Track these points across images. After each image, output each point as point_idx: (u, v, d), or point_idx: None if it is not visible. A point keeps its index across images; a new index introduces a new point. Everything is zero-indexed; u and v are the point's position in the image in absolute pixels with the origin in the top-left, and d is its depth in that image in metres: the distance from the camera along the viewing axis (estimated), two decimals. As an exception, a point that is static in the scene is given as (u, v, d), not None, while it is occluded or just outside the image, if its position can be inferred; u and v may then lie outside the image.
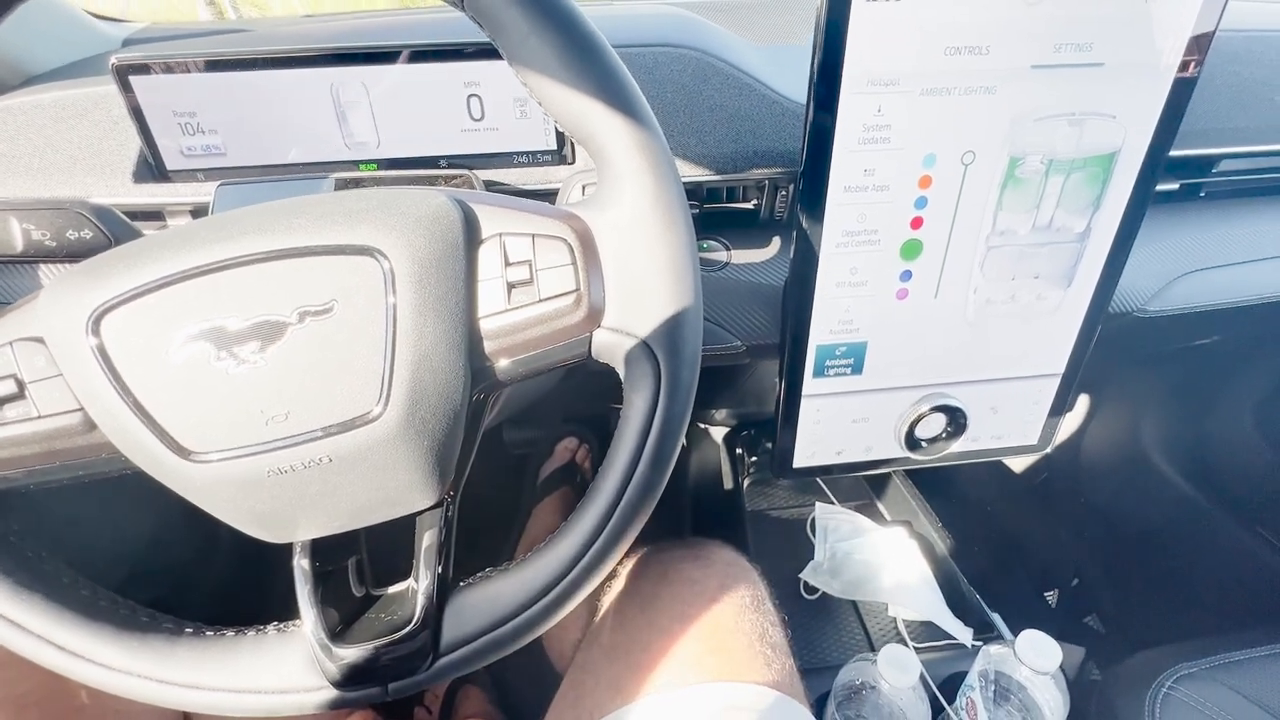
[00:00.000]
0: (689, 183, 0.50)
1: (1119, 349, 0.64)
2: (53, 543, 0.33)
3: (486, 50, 0.46)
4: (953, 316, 0.51)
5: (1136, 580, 0.94)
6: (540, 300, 0.30)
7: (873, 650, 0.66)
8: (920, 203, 0.46)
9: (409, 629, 0.32)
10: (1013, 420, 0.58)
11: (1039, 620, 0.64)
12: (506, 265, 0.30)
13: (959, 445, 0.58)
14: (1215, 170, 0.58)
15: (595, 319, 0.32)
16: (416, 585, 0.33)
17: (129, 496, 0.60)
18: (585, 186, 0.47)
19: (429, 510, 0.34)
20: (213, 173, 0.48)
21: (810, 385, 0.53)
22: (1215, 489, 0.89)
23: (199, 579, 0.79)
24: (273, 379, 0.28)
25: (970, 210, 0.47)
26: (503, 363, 0.32)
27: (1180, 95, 0.44)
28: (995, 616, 0.76)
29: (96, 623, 0.31)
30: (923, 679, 0.62)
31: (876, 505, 1.00)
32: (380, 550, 0.36)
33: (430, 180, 0.49)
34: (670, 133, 0.50)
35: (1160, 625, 0.88)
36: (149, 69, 0.44)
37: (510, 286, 0.30)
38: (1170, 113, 0.45)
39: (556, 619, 0.33)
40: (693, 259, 0.32)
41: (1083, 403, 1.03)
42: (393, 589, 0.35)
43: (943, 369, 0.54)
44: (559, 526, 0.34)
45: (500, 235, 0.31)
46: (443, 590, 0.33)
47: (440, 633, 0.33)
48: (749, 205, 0.53)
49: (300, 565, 0.33)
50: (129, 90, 0.45)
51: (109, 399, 0.28)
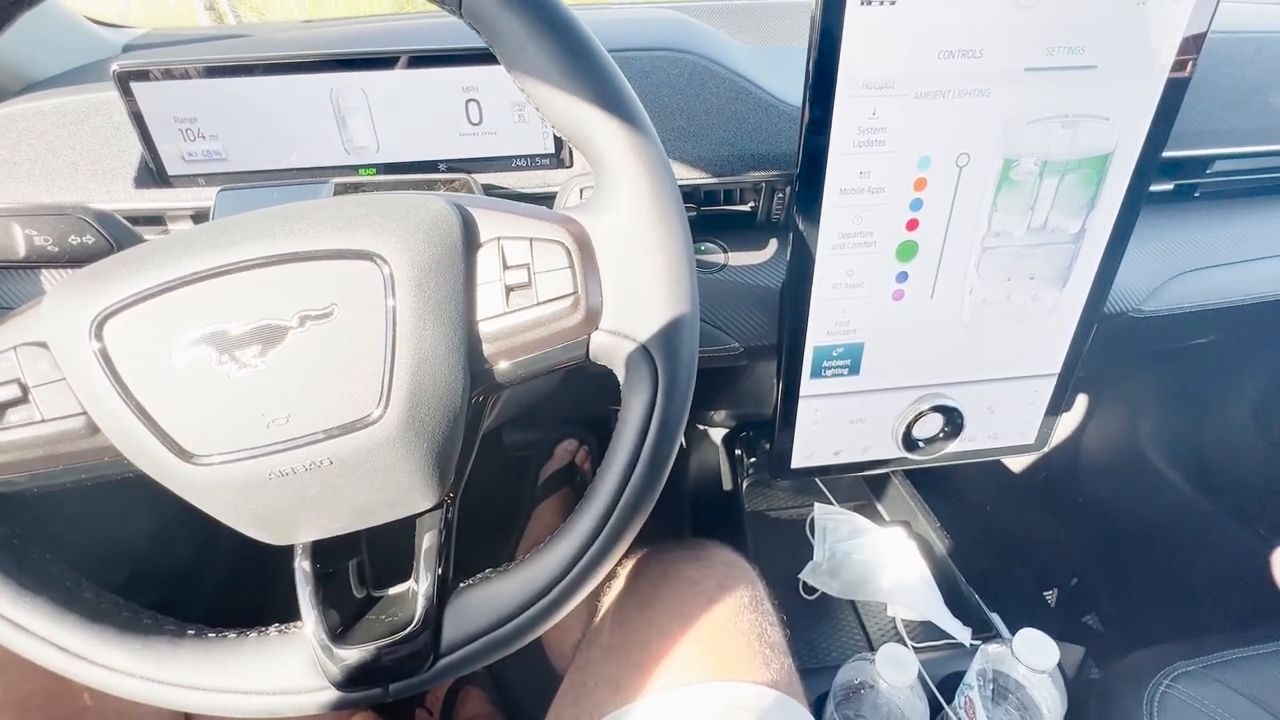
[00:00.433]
0: (686, 186, 0.50)
1: (1115, 349, 0.64)
2: (55, 545, 0.34)
3: (484, 55, 0.46)
4: (949, 317, 0.52)
5: (1135, 579, 0.94)
6: (538, 303, 0.31)
7: (872, 650, 0.66)
8: (915, 205, 0.46)
9: (409, 630, 0.32)
10: (1009, 420, 0.59)
11: (1038, 619, 0.64)
12: (505, 269, 0.31)
13: (956, 445, 0.58)
14: (1209, 171, 0.58)
15: (593, 321, 0.32)
16: (417, 586, 0.33)
17: (131, 500, 0.60)
18: (583, 190, 0.48)
19: (429, 512, 0.34)
20: (213, 178, 0.49)
21: (808, 386, 0.54)
22: (1213, 488, 0.90)
23: (200, 581, 0.79)
24: (274, 382, 0.28)
25: (965, 212, 0.47)
26: (501, 365, 0.32)
27: (1173, 97, 0.45)
28: (994, 616, 0.77)
29: (99, 624, 0.32)
30: (921, 678, 0.62)
31: (875, 506, 1.00)
32: (381, 552, 0.36)
33: (429, 184, 0.49)
34: (667, 136, 0.50)
35: (1158, 624, 0.88)
36: (150, 75, 0.45)
37: (508, 290, 0.31)
38: (1163, 114, 0.45)
39: (556, 619, 0.34)
40: (689, 262, 0.32)
41: (1081, 402, 1.03)
42: (393, 590, 0.36)
43: (939, 369, 0.55)
44: (558, 527, 0.34)
45: (498, 239, 0.31)
46: (443, 591, 0.33)
47: (441, 633, 0.33)
48: (746, 208, 0.53)
49: (301, 567, 0.33)
50: (130, 96, 0.45)
51: (112, 403, 0.28)
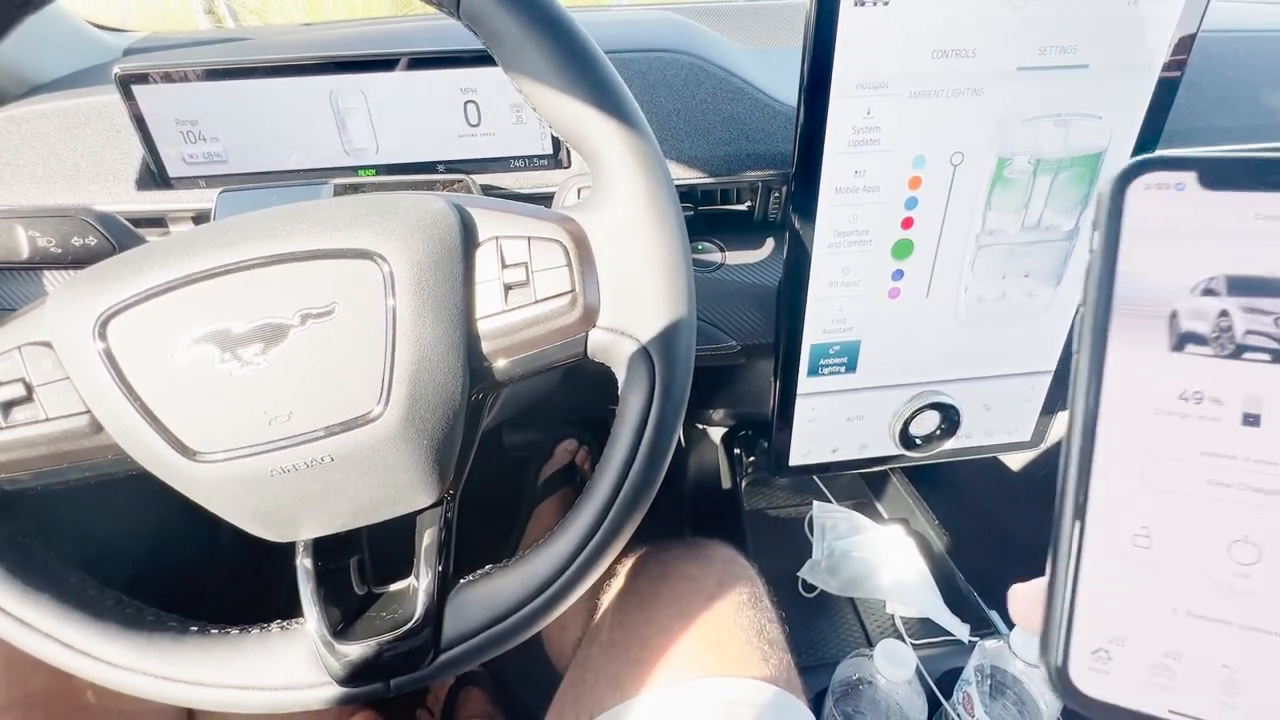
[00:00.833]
0: (684, 185, 0.51)
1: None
2: (59, 543, 0.34)
3: (482, 57, 0.47)
4: (944, 315, 0.52)
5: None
6: (537, 301, 0.31)
7: (871, 647, 0.66)
8: (910, 203, 0.47)
9: (410, 625, 0.33)
10: (1006, 417, 0.59)
11: (1035, 616, 0.64)
12: (503, 267, 0.31)
13: (953, 442, 0.59)
14: (1202, 169, 0.59)
15: (590, 319, 0.32)
16: (417, 583, 0.34)
17: (133, 499, 0.60)
18: (580, 190, 0.48)
19: (429, 509, 0.35)
20: (214, 179, 0.49)
21: (805, 384, 0.54)
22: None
23: (202, 579, 0.79)
24: (275, 380, 0.29)
25: (960, 210, 0.47)
26: (500, 363, 0.32)
27: (1164, 95, 0.45)
28: (992, 613, 0.77)
29: (103, 621, 0.32)
30: (919, 674, 0.62)
31: (874, 503, 1.00)
32: (381, 549, 0.37)
33: (428, 185, 0.50)
34: (665, 137, 0.50)
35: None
36: (151, 78, 0.45)
37: (507, 288, 0.31)
38: (1155, 112, 0.46)
39: (556, 614, 0.34)
40: (685, 259, 0.33)
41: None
42: (394, 587, 0.36)
43: (935, 367, 0.55)
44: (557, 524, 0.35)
45: (497, 238, 0.31)
46: (443, 587, 0.34)
47: (441, 629, 0.33)
48: (743, 207, 0.54)
49: (303, 564, 0.34)
50: (132, 99, 0.46)
51: (115, 401, 0.28)
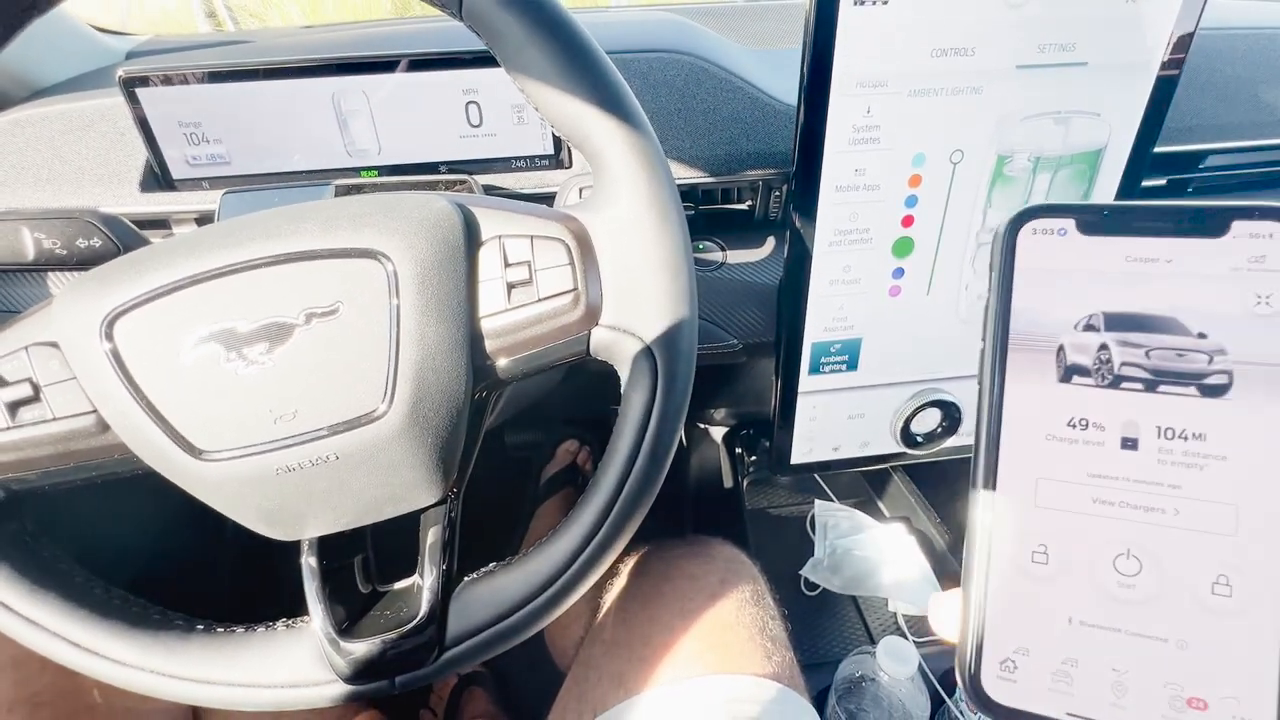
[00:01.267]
0: (684, 185, 0.51)
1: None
2: (66, 543, 0.34)
3: (484, 58, 0.47)
4: (945, 312, 0.52)
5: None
6: (539, 300, 0.31)
7: (873, 644, 0.66)
8: (910, 201, 0.47)
9: (415, 624, 0.33)
10: (1007, 414, 0.59)
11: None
12: (506, 266, 0.31)
13: (955, 440, 0.59)
14: (1202, 166, 0.59)
15: (593, 317, 0.32)
16: (422, 581, 0.34)
17: (138, 499, 0.60)
18: (582, 190, 0.48)
19: (433, 507, 0.35)
20: (217, 181, 0.49)
21: (806, 382, 0.54)
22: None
23: (208, 578, 0.79)
24: (280, 379, 0.29)
25: (960, 208, 0.48)
26: (503, 361, 0.32)
27: (1163, 93, 0.45)
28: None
29: (110, 620, 0.32)
30: (922, 671, 0.62)
31: (875, 502, 1.00)
32: (386, 548, 0.37)
33: (430, 186, 0.50)
34: (666, 136, 0.51)
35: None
36: (154, 81, 0.45)
37: (510, 287, 0.31)
38: (1154, 110, 0.46)
39: (560, 611, 0.34)
40: (687, 257, 0.33)
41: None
42: (398, 585, 0.36)
43: (937, 364, 0.55)
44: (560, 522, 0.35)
45: (500, 237, 0.32)
46: (448, 586, 0.34)
47: (446, 627, 0.33)
48: (744, 206, 0.54)
49: (308, 563, 0.34)
50: (135, 102, 0.46)
51: (122, 401, 0.29)
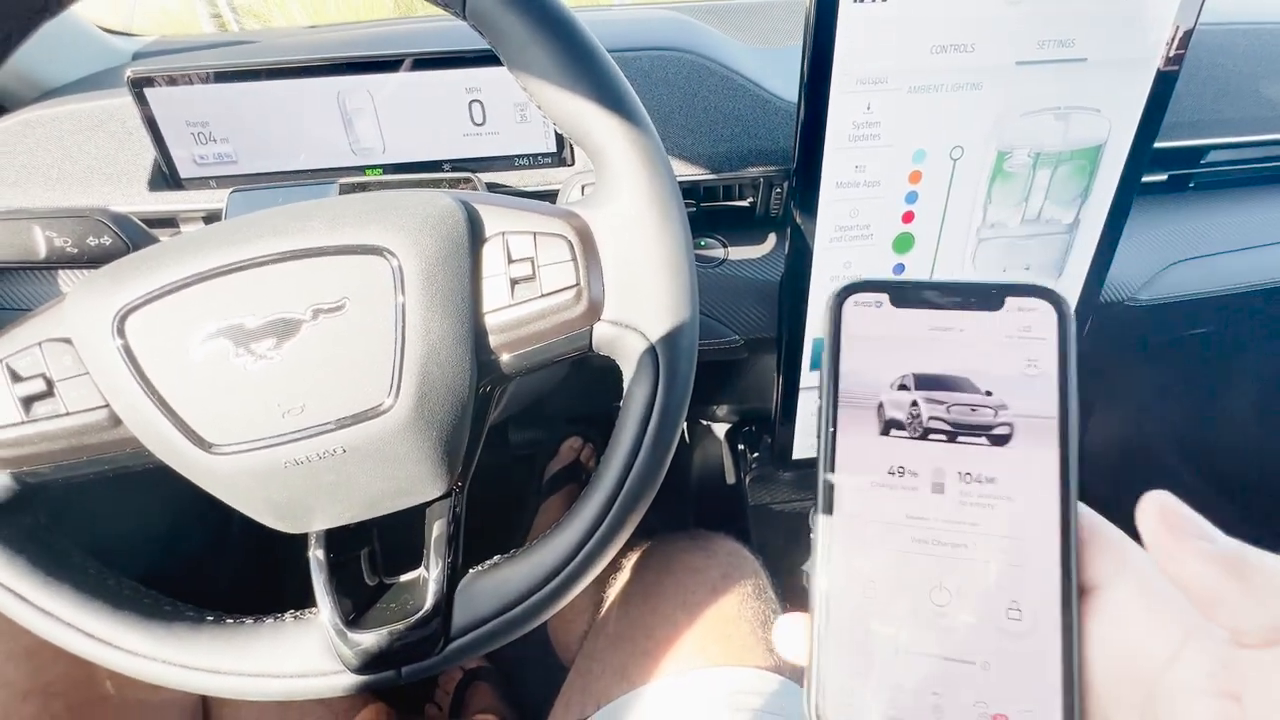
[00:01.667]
0: (686, 182, 0.51)
1: (1114, 340, 0.65)
2: (79, 535, 0.35)
3: (487, 57, 0.47)
4: (946, 308, 0.52)
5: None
6: (542, 295, 0.32)
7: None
8: (911, 197, 0.47)
9: (421, 615, 0.33)
10: (1008, 410, 0.59)
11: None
12: (509, 262, 0.32)
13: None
14: (1203, 161, 0.59)
15: (595, 312, 0.33)
16: (428, 574, 0.34)
17: (150, 493, 0.61)
18: (584, 187, 0.48)
19: (438, 500, 0.35)
20: (225, 180, 0.50)
21: (808, 378, 0.54)
22: (1216, 480, 0.90)
23: (217, 571, 0.80)
24: (288, 374, 0.29)
25: (960, 204, 0.48)
26: (507, 356, 0.33)
27: (1163, 88, 0.45)
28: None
29: (122, 611, 0.33)
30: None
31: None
32: (392, 541, 0.37)
33: (435, 184, 0.50)
34: (667, 134, 0.51)
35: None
36: (161, 81, 0.46)
37: (513, 282, 0.32)
38: (1154, 105, 0.46)
39: (564, 602, 0.34)
40: (688, 253, 0.33)
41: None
42: (404, 578, 0.36)
43: (938, 360, 0.55)
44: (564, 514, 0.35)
45: (503, 233, 0.32)
46: (453, 578, 0.34)
47: (451, 618, 0.34)
48: (745, 203, 0.54)
49: (315, 556, 0.34)
50: (143, 101, 0.46)
51: (133, 395, 0.29)
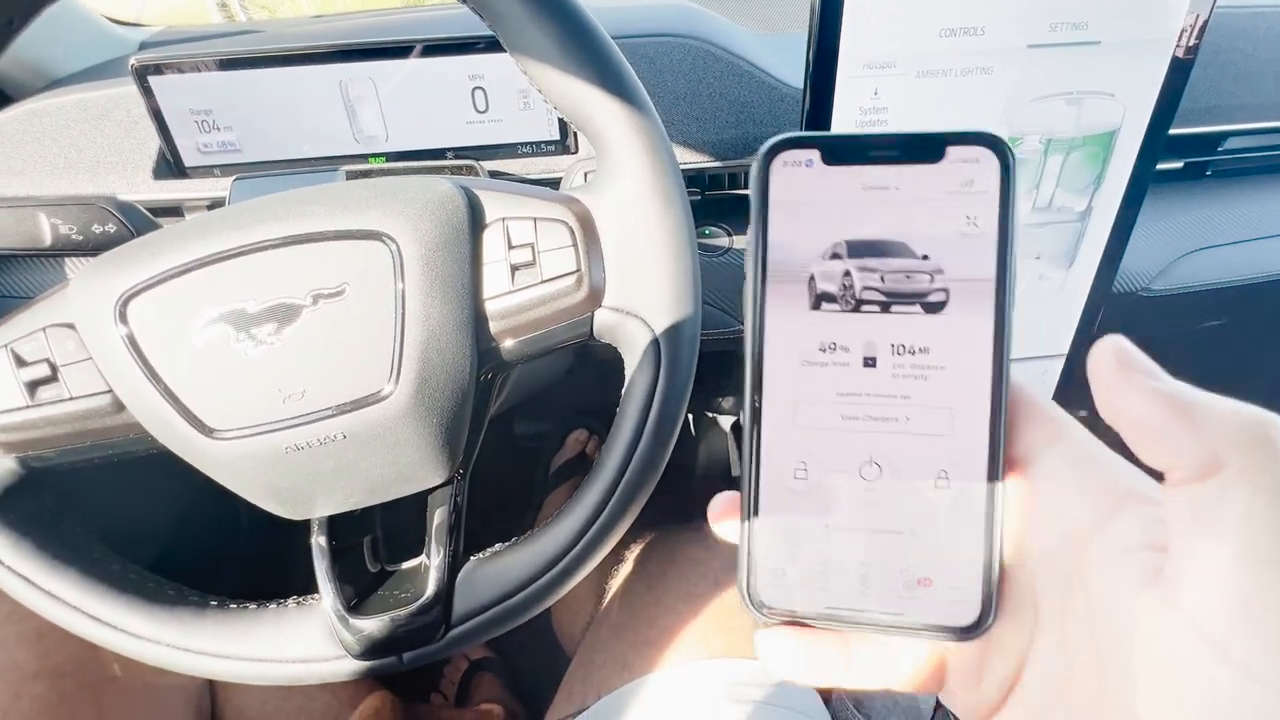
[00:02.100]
0: (690, 170, 0.51)
1: (1126, 331, 0.63)
2: (84, 520, 0.35)
3: (490, 44, 0.47)
4: (954, 298, 0.52)
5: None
6: (543, 281, 0.31)
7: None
8: (919, 185, 0.46)
9: (423, 602, 0.33)
10: (1017, 402, 0.59)
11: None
12: (510, 248, 0.31)
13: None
14: (1221, 148, 0.57)
15: (596, 299, 0.32)
16: (429, 561, 0.34)
17: (153, 480, 0.62)
18: (586, 174, 0.48)
19: (440, 488, 0.35)
20: (228, 168, 0.50)
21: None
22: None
23: (220, 558, 0.81)
24: (288, 359, 0.29)
25: (969, 191, 0.47)
26: (508, 343, 0.33)
27: (1179, 73, 0.44)
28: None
29: (127, 594, 0.33)
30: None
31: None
32: (394, 529, 0.37)
33: (437, 171, 0.50)
34: (672, 121, 0.51)
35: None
36: (166, 70, 0.46)
37: (514, 268, 0.31)
38: (1169, 90, 0.45)
39: (565, 590, 0.34)
40: (690, 239, 0.33)
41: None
42: (406, 565, 0.37)
43: (945, 351, 0.55)
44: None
45: (503, 219, 0.32)
46: (454, 565, 0.34)
47: (452, 605, 0.34)
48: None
49: (318, 543, 0.34)
50: (148, 91, 0.46)
51: (136, 380, 0.29)
